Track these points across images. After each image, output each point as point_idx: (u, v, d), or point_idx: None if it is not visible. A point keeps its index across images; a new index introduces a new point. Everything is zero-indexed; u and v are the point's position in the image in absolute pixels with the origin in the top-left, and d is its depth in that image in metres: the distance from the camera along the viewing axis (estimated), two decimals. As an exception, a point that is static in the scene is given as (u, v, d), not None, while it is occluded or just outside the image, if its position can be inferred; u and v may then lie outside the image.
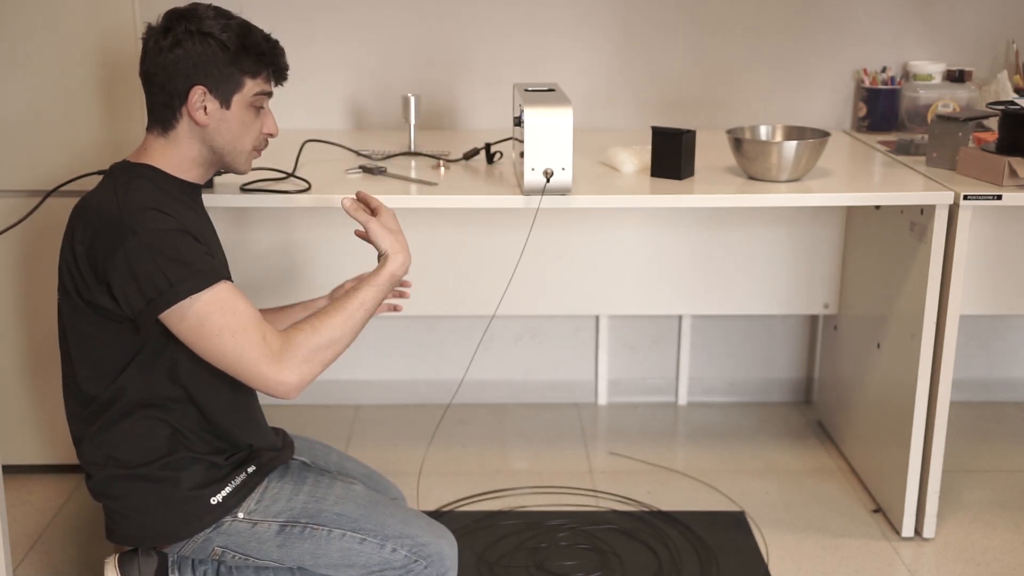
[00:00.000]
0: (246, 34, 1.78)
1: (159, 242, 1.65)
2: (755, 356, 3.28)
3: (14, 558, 2.39)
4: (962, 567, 2.42)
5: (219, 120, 1.78)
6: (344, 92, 2.97)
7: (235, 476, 1.83)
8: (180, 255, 1.66)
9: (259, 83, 1.81)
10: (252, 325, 1.67)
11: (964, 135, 2.43)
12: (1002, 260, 2.79)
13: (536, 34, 2.95)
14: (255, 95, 1.80)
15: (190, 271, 1.65)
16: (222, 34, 1.75)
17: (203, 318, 1.66)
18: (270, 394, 1.70)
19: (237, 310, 1.67)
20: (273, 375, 1.67)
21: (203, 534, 1.81)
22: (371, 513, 1.84)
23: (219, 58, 1.75)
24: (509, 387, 3.27)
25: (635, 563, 2.42)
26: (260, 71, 1.80)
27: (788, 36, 2.97)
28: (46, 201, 2.02)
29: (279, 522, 1.82)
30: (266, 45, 1.81)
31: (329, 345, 1.71)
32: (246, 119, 1.81)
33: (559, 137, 2.13)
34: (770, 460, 2.93)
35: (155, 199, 1.73)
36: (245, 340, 1.66)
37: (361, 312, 1.76)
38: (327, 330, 1.71)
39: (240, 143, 1.82)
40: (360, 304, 1.76)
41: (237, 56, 1.76)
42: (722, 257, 2.96)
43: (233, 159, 1.84)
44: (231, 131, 1.80)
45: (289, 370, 1.67)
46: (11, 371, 2.63)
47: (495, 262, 2.86)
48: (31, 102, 2.45)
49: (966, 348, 3.10)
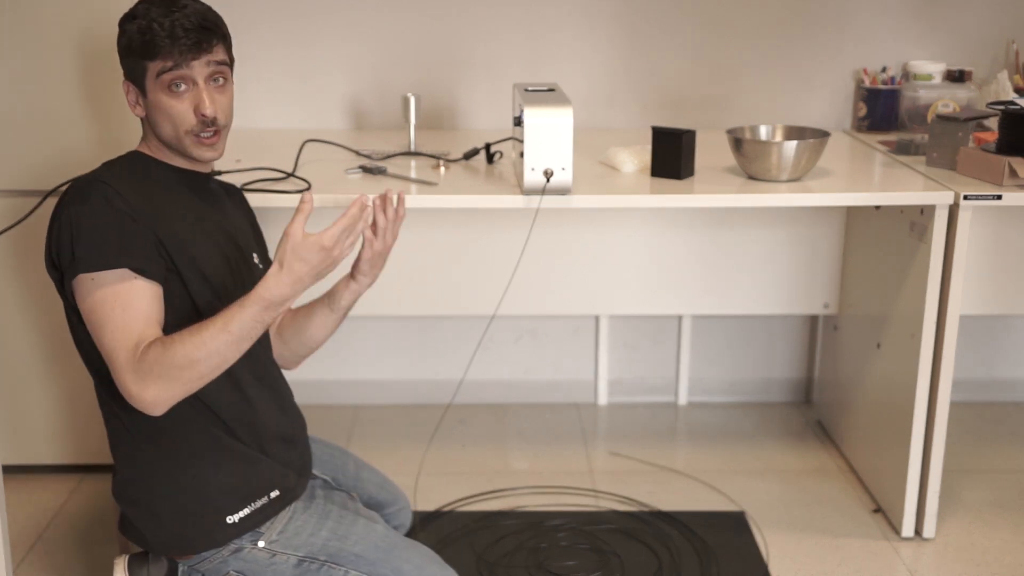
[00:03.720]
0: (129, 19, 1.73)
1: (84, 213, 1.65)
2: (755, 356, 3.28)
3: (14, 558, 2.39)
4: (962, 567, 2.42)
5: (148, 108, 1.77)
6: (344, 92, 2.97)
7: (257, 499, 1.81)
8: (96, 231, 1.64)
9: (158, 64, 1.71)
10: (134, 328, 1.61)
11: (964, 135, 2.43)
12: (1002, 260, 2.79)
13: (536, 34, 2.95)
14: (159, 75, 1.72)
15: (96, 249, 1.62)
16: (128, 24, 1.73)
17: (96, 305, 1.63)
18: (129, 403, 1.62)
19: (129, 307, 1.61)
20: (131, 386, 1.59)
21: (220, 556, 1.79)
22: (388, 556, 1.82)
23: (123, 50, 1.75)
24: (509, 387, 3.27)
25: (635, 563, 2.43)
26: (150, 51, 1.71)
27: (788, 36, 2.97)
28: (46, 201, 2.02)
29: (298, 556, 1.80)
30: (144, 22, 1.71)
31: (187, 365, 1.59)
32: (167, 102, 1.74)
33: (559, 137, 2.13)
34: (770, 460, 2.93)
35: (123, 175, 1.73)
36: (120, 341, 1.60)
37: (224, 335, 1.59)
38: (183, 348, 1.58)
39: (172, 126, 1.76)
40: (222, 326, 1.59)
41: (130, 44, 1.73)
42: (722, 257, 2.96)
43: (178, 144, 1.78)
44: (160, 117, 1.75)
45: (146, 386, 1.59)
46: (11, 371, 2.64)
47: (495, 262, 2.86)
48: (31, 102, 2.45)
49: (966, 348, 3.10)
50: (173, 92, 1.73)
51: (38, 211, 2.03)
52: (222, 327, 1.60)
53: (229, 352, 1.62)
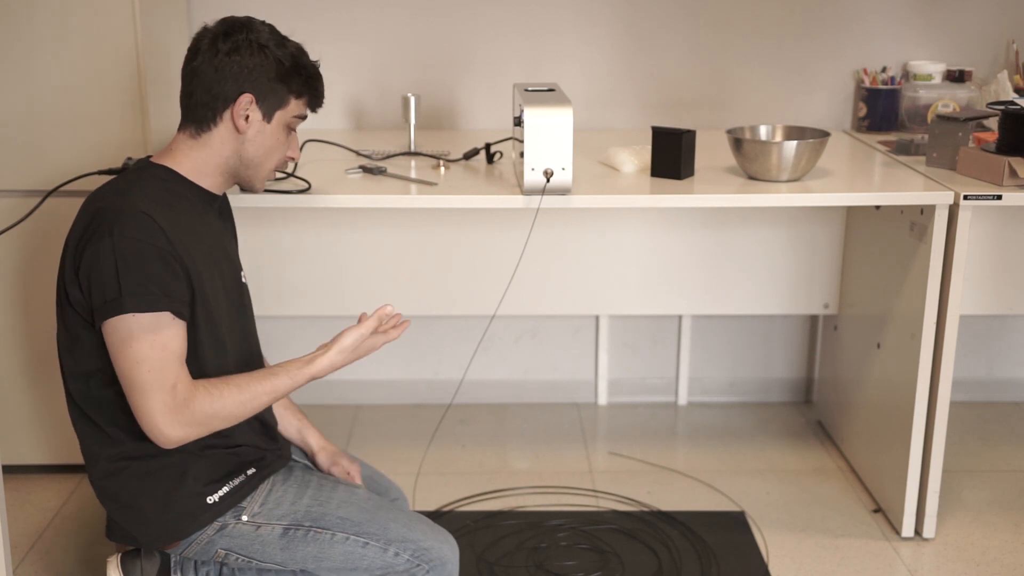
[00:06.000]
0: (299, 56, 1.84)
1: (129, 250, 1.66)
2: (755, 356, 3.28)
3: (14, 558, 2.39)
4: (962, 567, 2.42)
5: (257, 131, 1.82)
6: (344, 92, 2.97)
7: (234, 477, 1.83)
8: (142, 270, 1.67)
9: (300, 105, 1.86)
10: (171, 368, 1.68)
11: (964, 135, 2.43)
12: (1002, 260, 2.80)
13: (536, 34, 2.95)
14: (294, 116, 1.86)
15: (143, 289, 1.66)
16: (278, 50, 1.81)
17: (132, 340, 1.67)
18: (147, 434, 1.70)
19: (167, 347, 1.68)
20: (161, 425, 1.67)
21: (205, 536, 1.81)
22: (374, 517, 1.85)
23: (272, 73, 1.80)
24: (509, 387, 3.27)
25: (635, 563, 2.43)
26: (304, 94, 1.86)
27: (788, 36, 2.97)
28: (46, 201, 2.02)
29: (283, 525, 1.82)
30: (314, 71, 1.87)
31: (227, 419, 1.72)
32: (280, 137, 1.86)
33: (559, 137, 2.13)
34: (770, 460, 2.93)
35: (158, 200, 1.73)
36: (157, 380, 1.67)
37: (268, 398, 1.75)
38: (230, 404, 1.71)
39: (268, 158, 1.86)
40: (271, 390, 1.75)
41: (289, 75, 1.81)
42: (722, 257, 2.96)
43: (255, 173, 1.87)
44: (264, 145, 1.84)
45: (178, 427, 1.68)
46: (11, 371, 2.63)
47: (495, 262, 2.86)
48: (32, 102, 2.45)
49: (966, 348, 3.11)
50: (288, 131, 1.88)
51: (38, 211, 2.03)
52: (270, 392, 1.75)
53: (260, 410, 1.77)
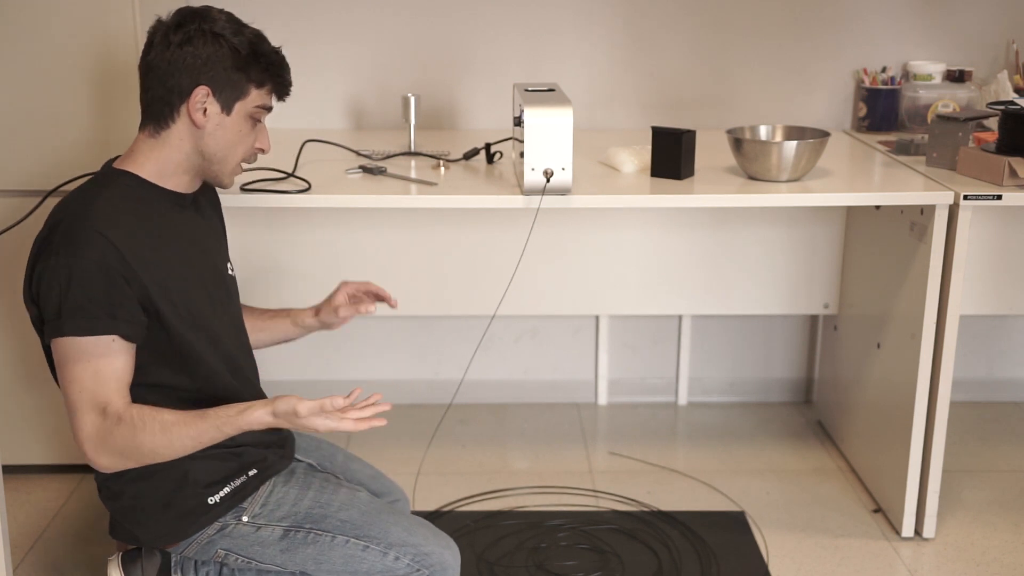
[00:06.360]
0: (258, 43, 1.77)
1: (76, 269, 1.64)
2: (755, 356, 3.28)
3: (14, 558, 2.39)
4: (962, 567, 2.42)
5: (216, 125, 1.76)
6: (344, 92, 2.97)
7: (235, 478, 1.83)
8: (85, 291, 1.64)
9: (262, 95, 1.79)
10: (103, 393, 1.66)
11: (964, 135, 2.43)
12: (1002, 260, 2.80)
13: (536, 34, 2.95)
14: (256, 107, 1.79)
15: (82, 312, 1.64)
16: (234, 38, 1.74)
17: (68, 362, 1.66)
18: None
19: (101, 371, 1.66)
20: (89, 450, 1.67)
21: (205, 536, 1.81)
22: (375, 520, 1.83)
23: (228, 62, 1.73)
24: (509, 387, 3.27)
25: (635, 563, 2.43)
26: (266, 82, 1.79)
27: (788, 36, 2.97)
28: (45, 201, 2.02)
29: (283, 527, 1.81)
30: (275, 57, 1.79)
31: (147, 454, 1.68)
32: (243, 129, 1.79)
33: (559, 137, 2.13)
34: (770, 460, 2.93)
35: (118, 210, 1.70)
36: (87, 402, 1.65)
37: (191, 443, 1.69)
38: (151, 442, 1.66)
39: (232, 153, 1.80)
40: (195, 435, 1.68)
41: (247, 63, 1.75)
42: (722, 257, 2.96)
43: (220, 168, 1.81)
44: (226, 138, 1.77)
45: (104, 454, 1.67)
46: (11, 371, 2.63)
47: (495, 262, 2.86)
48: (31, 102, 2.45)
49: (966, 348, 3.10)
50: (252, 123, 1.80)
51: (38, 211, 2.03)
52: (194, 437, 1.68)
53: (187, 453, 1.70)
